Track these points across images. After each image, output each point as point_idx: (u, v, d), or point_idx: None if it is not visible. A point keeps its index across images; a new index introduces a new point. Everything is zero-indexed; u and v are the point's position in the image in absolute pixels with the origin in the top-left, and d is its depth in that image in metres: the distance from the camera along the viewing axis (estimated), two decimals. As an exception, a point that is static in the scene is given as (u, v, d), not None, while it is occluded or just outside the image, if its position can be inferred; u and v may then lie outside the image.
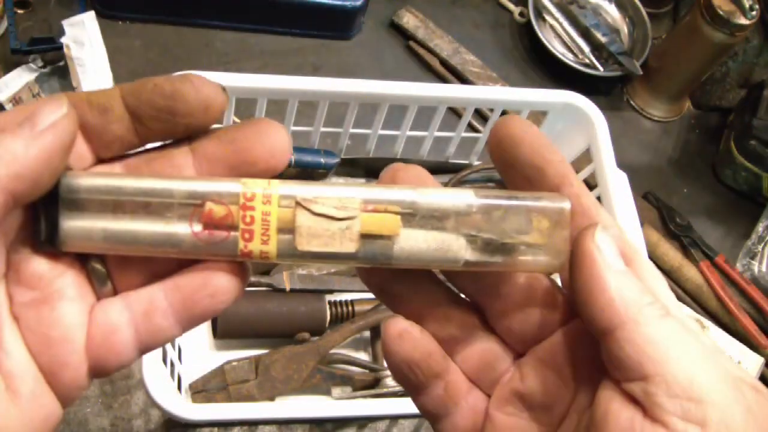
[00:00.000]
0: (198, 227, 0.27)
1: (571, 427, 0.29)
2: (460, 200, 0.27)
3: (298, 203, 0.27)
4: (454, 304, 0.31)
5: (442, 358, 0.30)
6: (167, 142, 0.29)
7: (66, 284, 0.27)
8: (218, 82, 0.28)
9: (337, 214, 0.27)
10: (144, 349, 0.28)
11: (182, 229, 0.27)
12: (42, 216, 0.27)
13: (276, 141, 0.27)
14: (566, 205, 0.27)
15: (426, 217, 0.27)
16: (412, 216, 0.27)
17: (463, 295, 0.31)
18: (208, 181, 0.27)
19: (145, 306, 0.28)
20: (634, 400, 0.25)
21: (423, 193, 0.27)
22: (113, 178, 0.27)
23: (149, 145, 0.29)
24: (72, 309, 0.27)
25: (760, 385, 0.27)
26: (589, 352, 0.28)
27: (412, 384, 0.30)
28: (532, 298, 0.30)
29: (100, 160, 0.28)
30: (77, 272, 0.28)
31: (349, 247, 0.27)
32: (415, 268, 0.28)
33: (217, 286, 0.28)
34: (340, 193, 0.27)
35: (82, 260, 0.28)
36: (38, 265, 0.27)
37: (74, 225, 0.27)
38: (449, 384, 0.30)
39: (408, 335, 0.29)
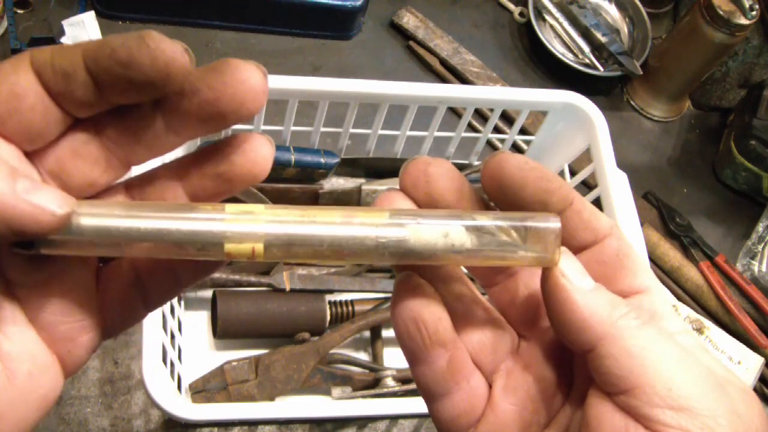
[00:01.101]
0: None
1: (564, 422, 0.29)
2: (453, 239, 0.27)
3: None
4: (465, 283, 0.30)
5: (451, 329, 0.29)
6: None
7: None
8: (180, 43, 0.25)
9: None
10: None
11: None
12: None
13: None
14: (557, 225, 0.27)
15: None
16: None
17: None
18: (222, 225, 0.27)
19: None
20: (624, 408, 0.26)
21: (415, 232, 0.27)
22: (119, 220, 0.26)
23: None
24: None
25: (745, 384, 0.27)
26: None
27: (416, 346, 0.29)
28: (533, 286, 0.30)
29: (77, 120, 0.27)
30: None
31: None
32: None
33: None
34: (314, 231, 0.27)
35: None
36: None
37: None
38: (454, 359, 0.29)
39: (422, 292, 0.28)
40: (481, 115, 0.97)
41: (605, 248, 0.28)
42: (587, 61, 1.07)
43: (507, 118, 0.97)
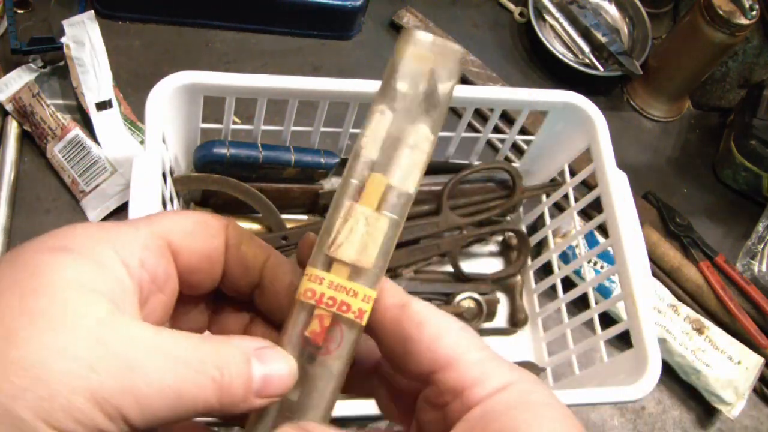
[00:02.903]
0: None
1: None
2: None
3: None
4: None
5: None
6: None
7: None
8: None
9: None
10: None
11: None
12: None
13: None
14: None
15: None
16: None
17: None
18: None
19: None
20: None
21: None
22: None
23: None
24: None
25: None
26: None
27: None
28: None
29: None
30: None
31: None
32: None
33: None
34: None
35: None
36: None
37: None
38: None
39: None
40: (481, 115, 0.97)
41: (388, 333, 0.29)
42: (587, 61, 1.07)
43: (507, 118, 0.97)
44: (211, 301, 0.33)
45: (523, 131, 0.91)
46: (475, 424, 0.25)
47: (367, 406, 0.72)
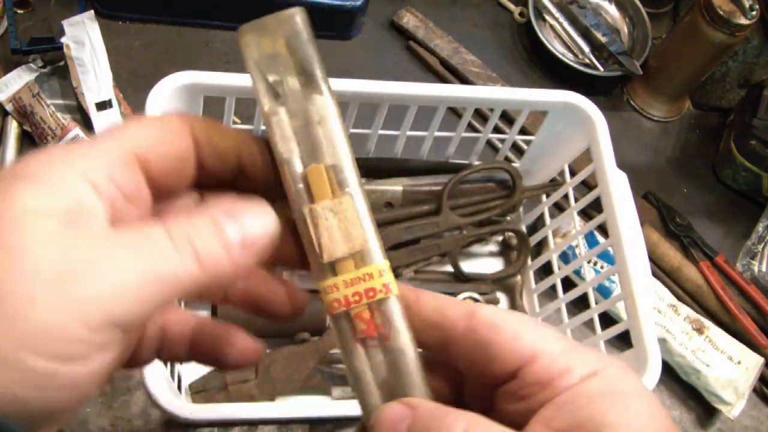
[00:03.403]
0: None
1: None
2: None
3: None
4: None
5: None
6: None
7: None
8: None
9: None
10: None
11: None
12: None
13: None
14: None
15: None
16: None
17: None
18: None
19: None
20: None
21: None
22: None
23: None
24: None
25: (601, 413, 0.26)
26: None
27: None
28: None
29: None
30: None
31: None
32: None
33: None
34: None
35: None
36: None
37: None
38: None
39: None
40: (481, 115, 0.97)
41: (463, 346, 0.29)
42: (587, 61, 1.07)
43: (507, 118, 0.97)
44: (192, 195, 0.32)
45: (523, 131, 0.91)
46: (562, 409, 0.26)
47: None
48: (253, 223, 0.27)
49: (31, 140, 0.84)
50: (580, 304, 0.81)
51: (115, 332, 0.24)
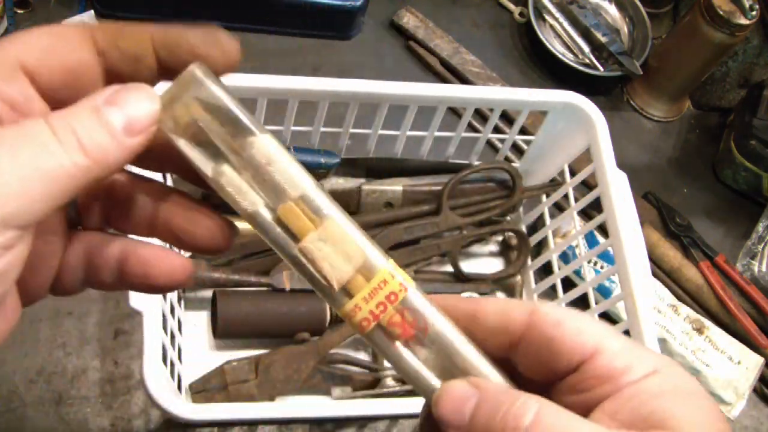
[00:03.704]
0: None
1: None
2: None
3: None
4: None
5: None
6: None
7: None
8: (235, 43, 0.29)
9: None
10: None
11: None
12: None
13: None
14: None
15: None
16: None
17: None
18: None
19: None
20: None
21: None
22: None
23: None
24: None
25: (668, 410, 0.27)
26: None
27: None
28: None
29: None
30: None
31: None
32: None
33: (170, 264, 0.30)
34: None
35: None
36: None
37: None
38: None
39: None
40: (481, 115, 0.97)
41: (528, 344, 0.29)
42: (587, 61, 1.07)
43: (507, 118, 0.96)
44: None
45: (523, 131, 0.91)
46: (626, 403, 0.27)
47: (368, 407, 0.72)
48: (135, 106, 0.26)
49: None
50: (580, 304, 0.81)
51: (10, 233, 0.24)
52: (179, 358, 0.73)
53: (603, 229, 0.78)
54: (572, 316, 0.29)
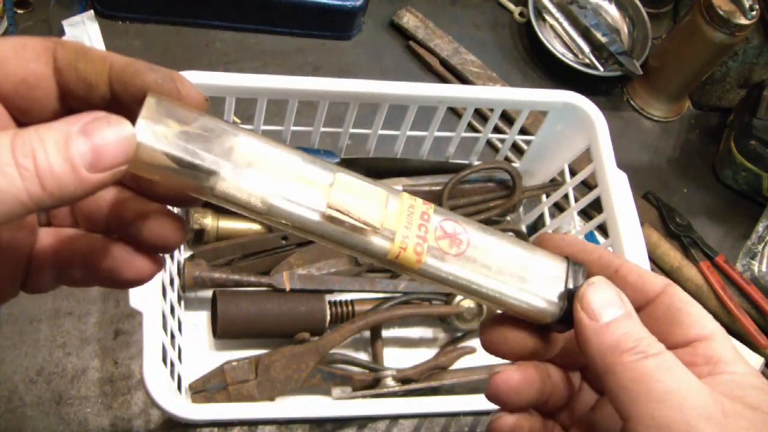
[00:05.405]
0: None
1: None
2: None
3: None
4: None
5: None
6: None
7: None
8: (200, 92, 0.29)
9: None
10: None
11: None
12: None
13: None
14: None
15: None
16: None
17: None
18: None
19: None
20: None
21: None
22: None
23: None
24: None
25: (765, 403, 0.29)
26: None
27: None
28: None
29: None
30: None
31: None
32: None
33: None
34: None
35: None
36: None
37: None
38: None
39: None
40: (481, 115, 0.97)
41: (657, 306, 0.32)
42: (587, 61, 1.07)
43: (507, 118, 0.96)
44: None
45: (523, 131, 0.91)
46: (719, 385, 0.29)
47: (368, 407, 0.72)
48: (108, 142, 0.25)
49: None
50: (580, 304, 0.81)
51: None
52: (179, 358, 0.73)
53: (603, 229, 0.78)
54: (693, 300, 0.33)
